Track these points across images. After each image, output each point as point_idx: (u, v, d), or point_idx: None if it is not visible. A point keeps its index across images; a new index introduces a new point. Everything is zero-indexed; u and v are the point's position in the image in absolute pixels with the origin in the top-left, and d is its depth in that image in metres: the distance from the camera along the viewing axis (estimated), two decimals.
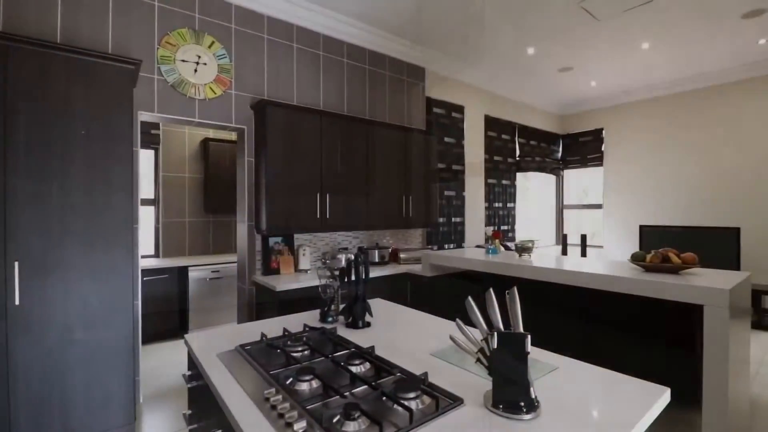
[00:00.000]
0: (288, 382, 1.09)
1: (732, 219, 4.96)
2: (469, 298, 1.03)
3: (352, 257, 1.69)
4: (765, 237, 4.71)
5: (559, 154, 6.69)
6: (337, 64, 3.62)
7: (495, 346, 0.97)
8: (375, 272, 3.26)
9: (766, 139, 4.73)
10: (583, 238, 5.68)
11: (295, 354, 1.30)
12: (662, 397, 1.03)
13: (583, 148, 6.50)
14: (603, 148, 6.22)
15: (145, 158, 4.31)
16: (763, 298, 4.23)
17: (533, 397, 0.95)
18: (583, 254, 5.65)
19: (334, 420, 0.89)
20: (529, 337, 0.94)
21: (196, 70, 2.80)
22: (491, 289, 1.00)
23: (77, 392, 2.00)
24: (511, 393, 0.95)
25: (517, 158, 5.78)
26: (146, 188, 4.31)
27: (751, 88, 4.81)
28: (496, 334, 0.97)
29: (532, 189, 6.46)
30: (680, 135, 5.40)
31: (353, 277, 1.67)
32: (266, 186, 2.88)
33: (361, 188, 3.45)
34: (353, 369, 1.18)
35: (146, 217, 4.29)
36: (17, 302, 1.84)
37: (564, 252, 5.90)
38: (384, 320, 1.78)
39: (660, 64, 4.73)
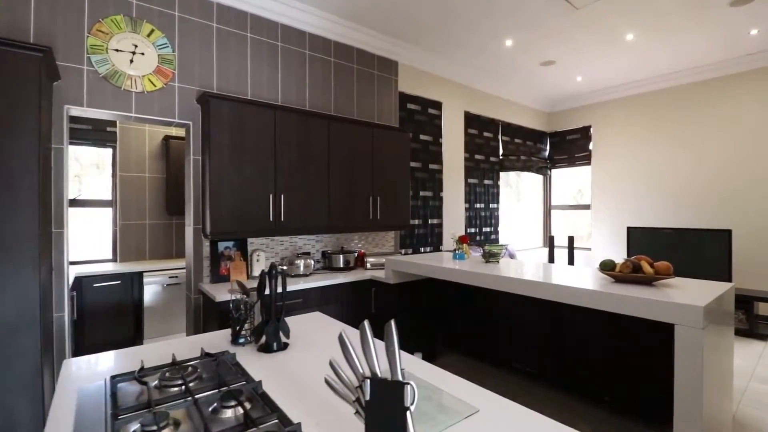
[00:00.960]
0: None
1: (723, 221, 4.73)
2: (342, 333, 0.81)
3: (266, 269, 1.46)
4: (758, 240, 4.48)
5: (547, 153, 6.45)
6: (297, 56, 3.38)
7: (368, 397, 0.74)
8: (338, 279, 3.04)
9: (760, 137, 4.49)
10: (570, 240, 5.45)
11: (167, 391, 1.08)
12: None
13: (571, 146, 6.26)
14: (591, 147, 5.98)
15: (102, 157, 4.08)
16: (756, 304, 4.00)
17: None
18: (570, 256, 5.42)
19: None
20: (410, 386, 0.72)
21: (132, 61, 2.57)
22: (366, 322, 0.77)
23: None
24: None
25: (500, 157, 5.54)
26: (103, 189, 4.08)
27: (745, 83, 4.58)
28: (369, 381, 0.74)
29: (518, 189, 6.23)
30: (670, 132, 5.17)
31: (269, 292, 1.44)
32: (210, 186, 2.65)
33: (323, 189, 3.22)
34: (227, 414, 0.97)
35: (103, 220, 4.06)
36: None
37: (551, 254, 5.67)
38: (306, 341, 1.55)
39: (646, 57, 4.50)
